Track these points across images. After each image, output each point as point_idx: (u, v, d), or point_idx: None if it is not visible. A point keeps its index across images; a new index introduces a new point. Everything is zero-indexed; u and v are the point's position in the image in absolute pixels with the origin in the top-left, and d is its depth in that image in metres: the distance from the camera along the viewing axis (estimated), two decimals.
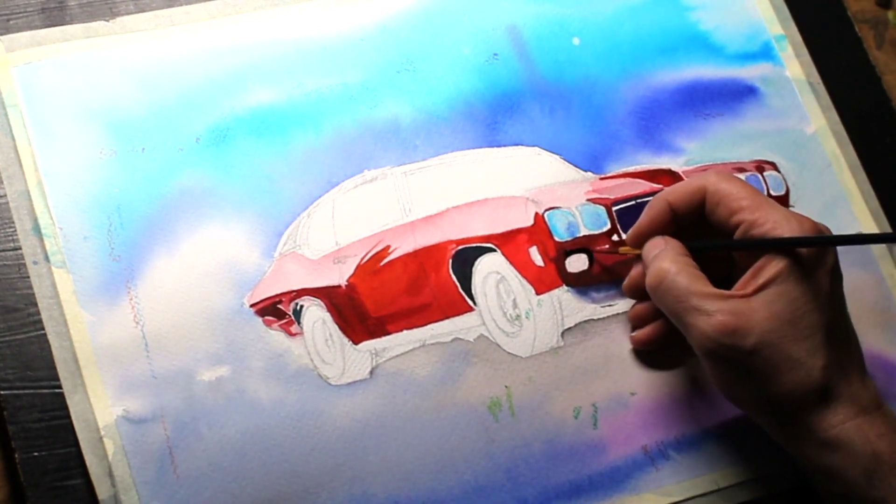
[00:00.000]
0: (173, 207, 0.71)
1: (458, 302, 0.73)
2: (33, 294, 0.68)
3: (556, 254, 0.74)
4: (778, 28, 0.85)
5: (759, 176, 0.79)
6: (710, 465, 0.72)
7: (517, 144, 0.78)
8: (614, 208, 0.75)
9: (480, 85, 0.79)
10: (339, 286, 0.72)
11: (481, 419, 0.71)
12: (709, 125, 0.81)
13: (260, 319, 0.70)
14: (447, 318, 0.72)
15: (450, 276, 0.73)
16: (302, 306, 0.71)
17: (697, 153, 0.80)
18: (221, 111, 0.74)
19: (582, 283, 0.74)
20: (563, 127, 0.79)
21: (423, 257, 0.73)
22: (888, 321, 0.78)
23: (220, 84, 0.75)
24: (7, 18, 0.76)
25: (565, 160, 0.78)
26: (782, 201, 0.79)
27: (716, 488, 0.72)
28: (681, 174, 0.78)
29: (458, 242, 0.74)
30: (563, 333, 0.74)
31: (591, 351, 0.74)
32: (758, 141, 0.81)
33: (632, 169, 0.78)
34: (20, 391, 0.69)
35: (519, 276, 0.73)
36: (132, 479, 0.66)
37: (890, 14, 0.92)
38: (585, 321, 0.74)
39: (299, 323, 0.71)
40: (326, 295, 0.72)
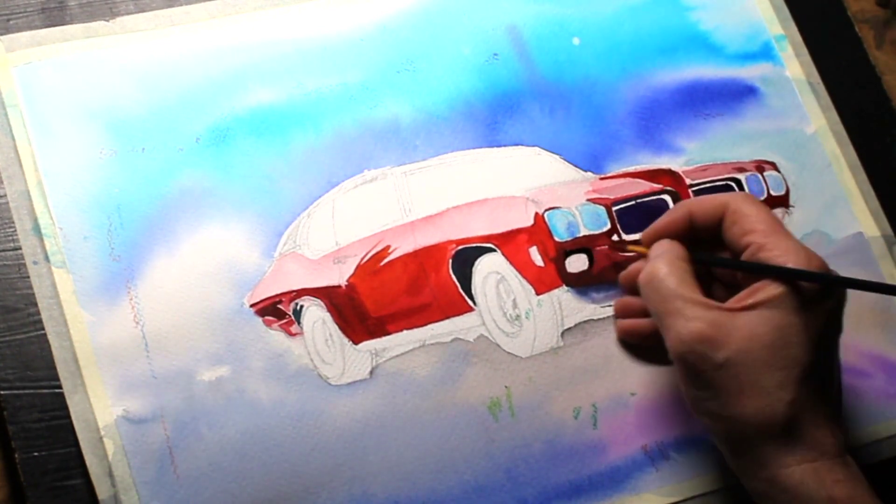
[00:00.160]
0: (173, 207, 0.71)
1: (458, 302, 0.73)
2: (33, 294, 0.68)
3: (556, 254, 0.74)
4: (778, 28, 0.85)
5: (759, 176, 0.79)
6: (710, 465, 0.72)
7: (517, 144, 0.78)
8: (614, 208, 0.75)
9: (480, 85, 0.79)
10: (339, 286, 0.72)
11: (481, 419, 0.71)
12: (709, 125, 0.81)
13: (260, 319, 0.70)
14: (447, 318, 0.72)
15: (450, 276, 0.73)
16: (302, 306, 0.71)
17: (697, 153, 0.80)
18: (221, 111, 0.74)
19: (582, 284, 0.74)
20: (563, 127, 0.79)
21: (423, 257, 0.73)
22: (888, 321, 0.78)
23: (220, 84, 0.75)
24: (7, 18, 0.76)
25: (565, 160, 0.78)
26: (782, 201, 0.79)
27: (716, 488, 0.72)
28: (681, 174, 0.78)
29: (458, 242, 0.74)
30: (562, 333, 0.74)
31: (591, 351, 0.74)
32: (758, 141, 0.81)
33: (632, 169, 0.78)
34: (20, 391, 0.69)
35: (519, 276, 0.73)
36: (132, 479, 0.66)
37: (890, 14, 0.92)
38: (585, 321, 0.74)
39: (299, 323, 0.71)
40: (326, 295, 0.72)
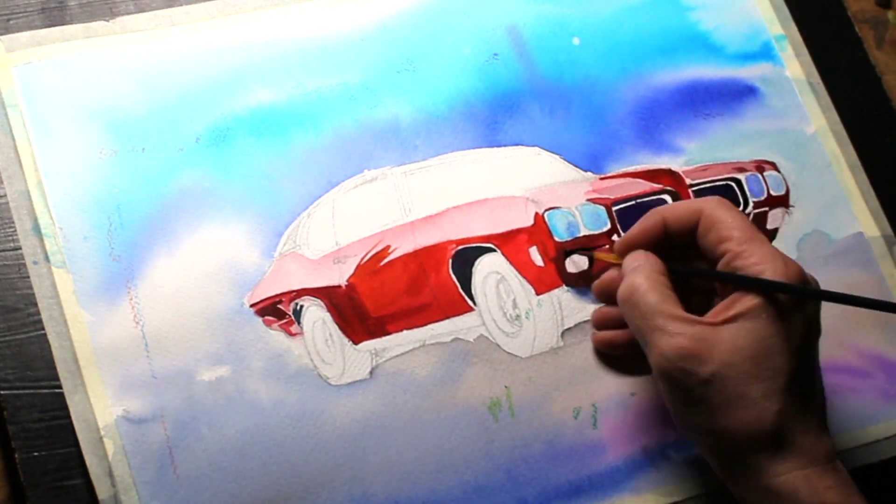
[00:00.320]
0: (173, 207, 0.71)
1: (458, 302, 0.73)
2: (33, 294, 0.68)
3: (556, 254, 0.74)
4: (778, 28, 0.85)
5: (759, 176, 0.79)
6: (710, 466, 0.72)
7: (517, 144, 0.78)
8: (614, 208, 0.75)
9: (480, 85, 0.79)
10: (339, 286, 0.72)
11: (481, 419, 0.71)
12: (709, 125, 0.81)
13: (260, 319, 0.70)
14: (447, 318, 0.72)
15: (450, 276, 0.73)
16: (302, 306, 0.71)
17: (697, 153, 0.80)
18: (221, 111, 0.74)
19: (582, 284, 0.74)
20: (563, 127, 0.79)
21: (423, 257, 0.73)
22: (888, 321, 0.78)
23: (220, 84, 0.75)
24: (7, 18, 0.76)
25: (565, 160, 0.78)
26: (782, 201, 0.79)
27: (716, 488, 0.72)
28: (681, 174, 0.78)
29: (458, 242, 0.74)
30: (562, 333, 0.74)
31: (591, 351, 0.73)
32: (758, 141, 0.81)
33: (632, 169, 0.78)
34: (20, 391, 0.69)
35: (519, 276, 0.73)
36: (132, 479, 0.66)
37: (890, 14, 0.92)
38: (585, 321, 0.74)
39: (299, 323, 0.71)
40: (326, 295, 0.72)
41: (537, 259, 0.74)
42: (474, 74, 0.79)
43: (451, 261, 0.73)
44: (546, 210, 0.75)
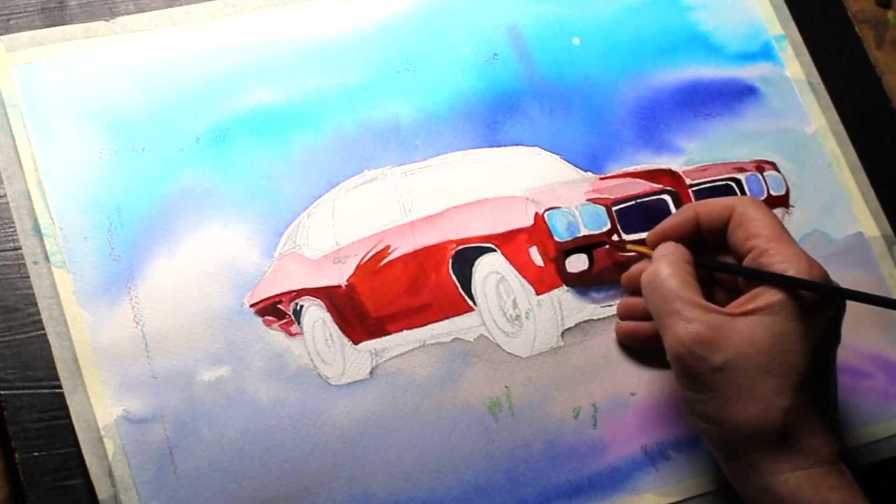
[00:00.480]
0: (173, 207, 0.71)
1: (458, 302, 0.73)
2: (33, 294, 0.68)
3: (556, 254, 0.74)
4: (778, 28, 0.85)
5: (759, 176, 0.79)
6: (710, 465, 0.72)
7: (517, 144, 0.78)
8: (614, 208, 0.75)
9: (480, 85, 0.79)
10: (339, 286, 0.72)
11: (481, 419, 0.71)
12: (709, 125, 0.81)
13: (260, 319, 0.70)
14: (447, 318, 0.72)
15: (450, 276, 0.73)
16: (302, 306, 0.71)
17: (697, 153, 0.80)
18: (221, 111, 0.74)
19: (582, 284, 0.74)
20: (563, 127, 0.79)
21: (423, 257, 0.73)
22: (888, 321, 0.78)
23: (220, 84, 0.75)
24: (7, 18, 0.76)
25: (565, 160, 0.78)
26: (782, 201, 0.79)
27: (716, 488, 0.72)
28: (681, 174, 0.78)
29: (458, 242, 0.74)
30: (562, 333, 0.74)
31: (591, 351, 0.74)
32: (758, 141, 0.81)
33: (632, 169, 0.78)
34: (20, 391, 0.69)
35: (519, 276, 0.73)
36: (132, 479, 0.66)
37: (890, 14, 0.92)
38: (585, 321, 0.74)
39: (299, 323, 0.71)
40: (326, 295, 0.72)
41: (537, 259, 0.74)
42: (474, 74, 0.79)
43: (451, 261, 0.73)
44: (546, 210, 0.74)
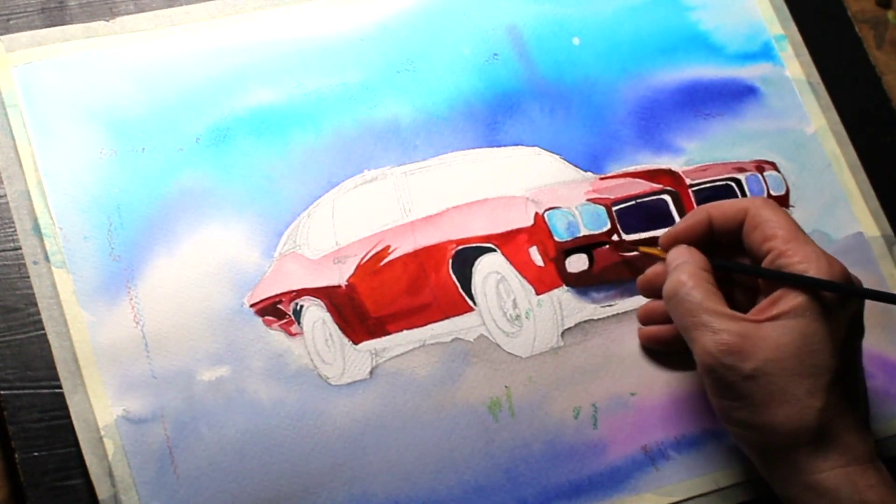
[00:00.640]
0: (173, 207, 0.71)
1: (458, 302, 0.73)
2: (33, 294, 0.68)
3: (556, 254, 0.74)
4: (778, 28, 0.85)
5: (759, 176, 0.79)
6: (710, 465, 0.72)
7: (517, 144, 0.78)
8: (614, 208, 0.75)
9: (480, 85, 0.79)
10: (339, 286, 0.72)
11: (481, 419, 0.71)
12: (709, 125, 0.81)
13: (260, 319, 0.70)
14: (447, 318, 0.72)
15: (450, 276, 0.73)
16: (302, 306, 0.71)
17: (697, 153, 0.80)
18: (221, 111, 0.74)
19: (582, 284, 0.74)
20: (563, 127, 0.79)
21: (423, 257, 0.73)
22: (888, 321, 0.78)
23: (220, 84, 0.75)
24: (7, 18, 0.76)
25: (565, 160, 0.78)
26: (782, 201, 0.79)
27: (716, 488, 0.72)
28: (681, 174, 0.78)
29: (458, 242, 0.74)
30: (563, 333, 0.74)
31: (591, 351, 0.74)
32: (758, 141, 0.81)
33: (632, 169, 0.78)
34: (20, 391, 0.69)
35: (519, 276, 0.73)
36: (132, 479, 0.66)
37: (890, 14, 0.92)
38: (585, 321, 0.74)
39: (299, 323, 0.71)
40: (326, 295, 0.72)
41: (537, 259, 0.74)
42: (474, 74, 0.79)
43: (451, 261, 0.73)
44: (546, 210, 0.74)
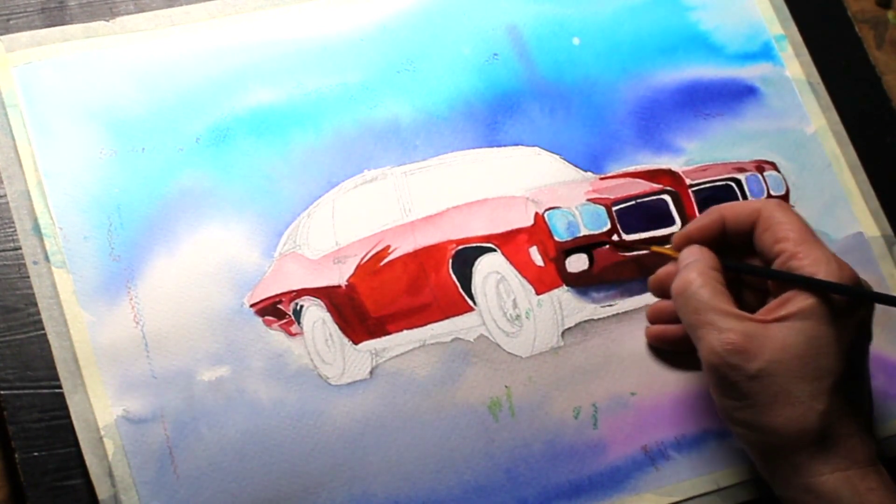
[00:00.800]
0: (173, 207, 0.71)
1: (458, 302, 0.73)
2: (33, 294, 0.68)
3: (556, 254, 0.74)
4: (778, 28, 0.85)
5: (759, 176, 0.79)
6: (710, 465, 0.72)
7: (517, 144, 0.78)
8: (614, 208, 0.75)
9: (480, 85, 0.79)
10: (339, 286, 0.72)
11: (481, 419, 0.71)
12: (709, 125, 0.81)
13: (260, 319, 0.70)
14: (447, 318, 0.72)
15: (450, 276, 0.73)
16: (302, 306, 0.71)
17: (697, 153, 0.80)
18: (221, 111, 0.74)
19: (582, 283, 0.74)
20: (563, 127, 0.79)
21: (423, 257, 0.73)
22: (888, 321, 0.78)
23: (220, 84, 0.75)
24: (7, 18, 0.76)
25: (565, 160, 0.78)
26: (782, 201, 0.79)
27: (716, 488, 0.72)
28: (681, 174, 0.78)
29: (458, 242, 0.74)
30: (563, 333, 0.74)
31: (591, 351, 0.74)
32: (758, 141, 0.81)
33: (632, 169, 0.78)
34: (20, 391, 0.69)
35: (519, 276, 0.73)
36: (132, 479, 0.66)
37: (890, 14, 0.92)
38: (585, 321, 0.74)
39: (299, 323, 0.71)
40: (326, 295, 0.72)
41: (537, 259, 0.74)
42: (474, 74, 0.79)
43: (451, 261, 0.73)
44: (546, 210, 0.74)
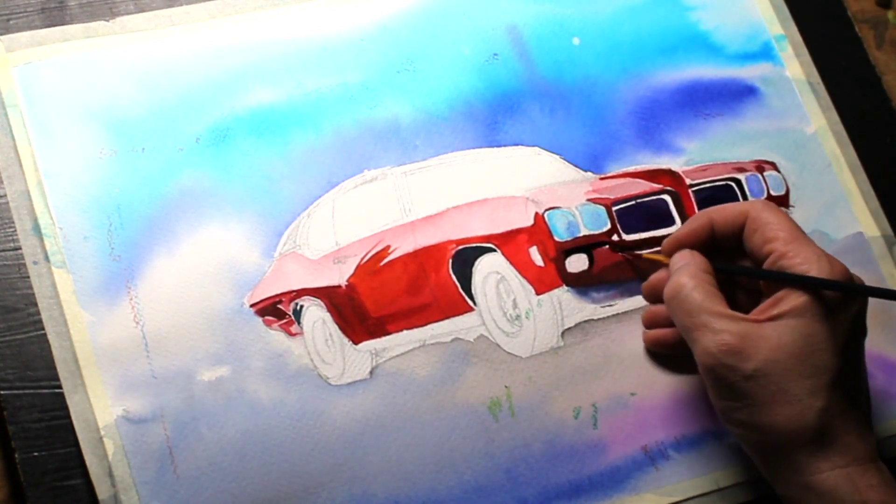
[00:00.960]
0: (173, 207, 0.71)
1: (458, 302, 0.73)
2: (33, 294, 0.68)
3: (556, 254, 0.74)
4: (778, 28, 0.85)
5: (759, 176, 0.79)
6: (710, 465, 0.72)
7: (517, 144, 0.78)
8: (614, 208, 0.75)
9: (480, 85, 0.79)
10: (339, 286, 0.72)
11: (481, 419, 0.71)
12: (709, 125, 0.81)
13: (260, 319, 0.70)
14: (447, 318, 0.72)
15: (450, 276, 0.73)
16: (302, 306, 0.71)
17: (697, 153, 0.80)
18: (221, 111, 0.74)
19: (582, 283, 0.74)
20: (563, 127, 0.79)
21: (423, 257, 0.73)
22: (888, 321, 0.78)
23: (220, 84, 0.75)
24: (7, 18, 0.76)
25: (565, 160, 0.78)
26: (782, 201, 0.79)
27: (716, 488, 0.72)
28: (681, 174, 0.78)
29: (458, 242, 0.74)
30: (563, 333, 0.74)
31: (591, 351, 0.74)
32: (758, 141, 0.81)
33: (632, 169, 0.78)
34: (20, 391, 0.69)
35: (519, 276, 0.73)
36: (132, 479, 0.66)
37: (890, 14, 0.92)
38: (585, 321, 0.74)
39: (299, 323, 0.71)
40: (326, 295, 0.72)
41: (537, 259, 0.74)
42: (474, 74, 0.79)
43: (451, 261, 0.73)
44: (546, 210, 0.74)
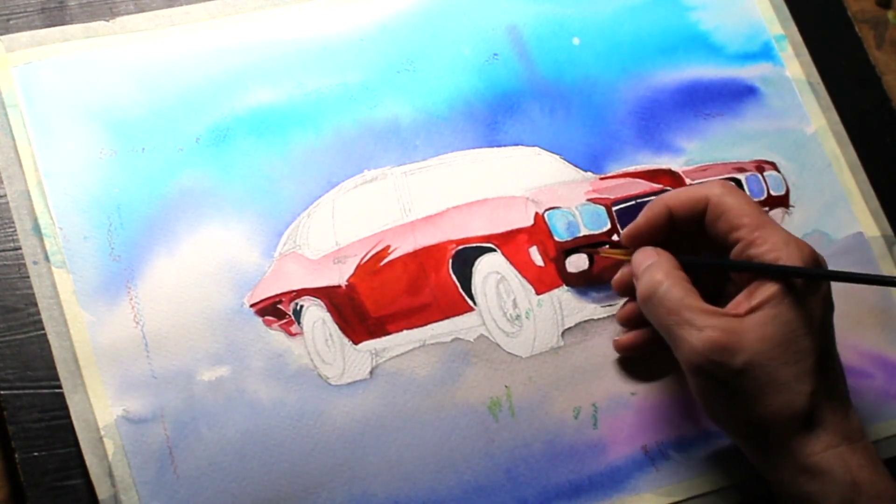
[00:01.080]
0: (173, 207, 0.71)
1: (458, 302, 0.73)
2: (33, 294, 0.68)
3: (556, 254, 0.74)
4: (778, 28, 0.85)
5: (759, 176, 0.79)
6: (710, 465, 0.72)
7: (517, 144, 0.78)
8: (614, 208, 0.75)
9: (480, 85, 0.79)
10: (339, 286, 0.72)
11: (481, 419, 0.71)
12: (709, 125, 0.81)
13: (260, 319, 0.70)
14: (447, 318, 0.72)
15: (450, 276, 0.73)
16: (302, 306, 0.71)
17: (697, 153, 0.80)
18: (221, 111, 0.74)
19: (582, 283, 0.74)
20: (563, 127, 0.79)
21: (423, 257, 0.73)
22: (888, 321, 0.78)
23: (220, 84, 0.75)
24: (7, 18, 0.76)
25: (565, 160, 0.78)
26: (782, 201, 0.79)
27: (716, 488, 0.72)
28: (681, 174, 0.78)
29: (458, 242, 0.74)
30: (563, 333, 0.74)
31: (591, 351, 0.74)
32: (758, 141, 0.81)
33: (632, 169, 0.78)
34: (20, 391, 0.69)
35: (519, 276, 0.73)
36: (132, 479, 0.66)
37: (890, 14, 0.92)
38: (585, 321, 0.74)
39: (299, 323, 0.71)
40: (326, 295, 0.72)
41: (537, 259, 0.74)
42: (474, 74, 0.79)
43: (451, 261, 0.73)
44: (546, 210, 0.75)
